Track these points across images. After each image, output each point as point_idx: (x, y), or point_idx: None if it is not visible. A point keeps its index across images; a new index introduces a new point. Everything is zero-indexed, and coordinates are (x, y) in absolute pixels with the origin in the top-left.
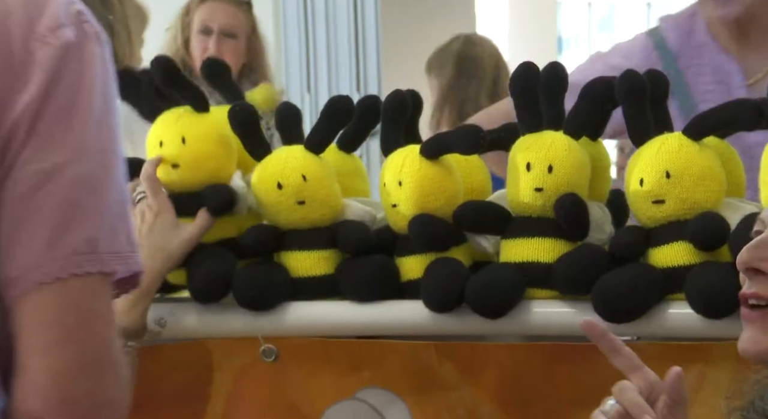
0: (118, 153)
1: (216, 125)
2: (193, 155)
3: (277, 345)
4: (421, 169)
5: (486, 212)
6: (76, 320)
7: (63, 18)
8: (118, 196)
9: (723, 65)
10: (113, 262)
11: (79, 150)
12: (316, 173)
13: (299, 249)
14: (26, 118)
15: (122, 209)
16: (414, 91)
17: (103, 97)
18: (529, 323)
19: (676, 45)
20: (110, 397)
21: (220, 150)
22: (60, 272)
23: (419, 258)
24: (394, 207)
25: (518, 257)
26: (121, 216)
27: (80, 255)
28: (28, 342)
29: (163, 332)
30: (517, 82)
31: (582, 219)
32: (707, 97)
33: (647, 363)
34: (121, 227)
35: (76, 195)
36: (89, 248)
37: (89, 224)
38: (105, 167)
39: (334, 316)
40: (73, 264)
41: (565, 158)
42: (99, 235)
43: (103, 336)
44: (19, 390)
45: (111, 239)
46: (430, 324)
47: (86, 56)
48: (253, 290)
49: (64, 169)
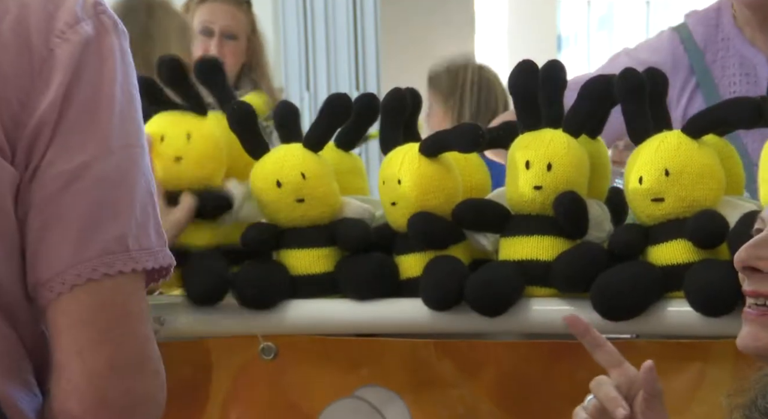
0: (143, 145)
1: (216, 129)
2: (197, 152)
3: (277, 343)
4: (420, 167)
5: (485, 210)
6: (110, 320)
7: (80, 12)
8: (146, 190)
9: (749, 57)
10: (144, 258)
11: (104, 147)
12: (315, 171)
13: (298, 247)
14: (50, 118)
15: (150, 203)
16: (413, 89)
17: (124, 89)
18: (528, 321)
19: (703, 39)
20: (148, 394)
21: (220, 153)
22: (92, 273)
23: (418, 256)
24: (394, 205)
25: (517, 255)
26: (149, 210)
27: (111, 255)
28: (63, 343)
29: (161, 330)
30: (516, 80)
31: (581, 217)
32: (734, 89)
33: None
34: (150, 221)
35: (104, 193)
36: (120, 247)
37: (118, 221)
38: (131, 162)
39: (334, 314)
40: (104, 264)
41: (564, 156)
42: (129, 232)
43: (138, 334)
44: (56, 391)
45: (141, 235)
46: (429, 322)
47: (105, 50)
48: (252, 289)
49: (91, 167)
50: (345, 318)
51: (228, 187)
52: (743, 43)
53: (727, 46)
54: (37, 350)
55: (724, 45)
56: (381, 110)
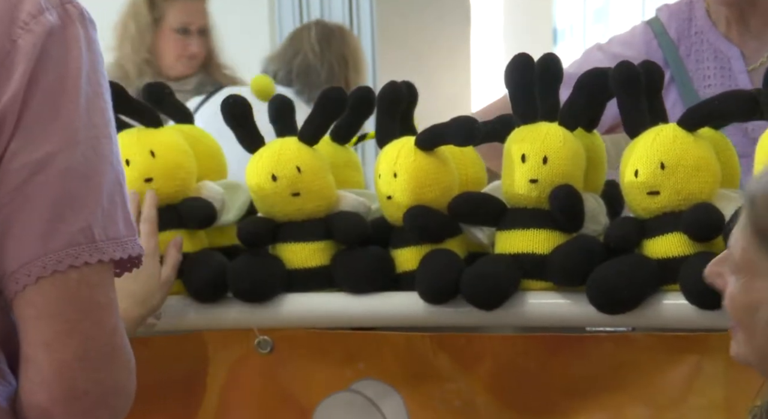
0: (110, 136)
1: (176, 137)
2: (165, 166)
3: (273, 336)
4: (416, 160)
5: (481, 203)
6: (77, 311)
7: (44, 2)
8: (113, 180)
9: (724, 51)
10: (111, 249)
11: (69, 138)
12: (310, 165)
13: (294, 241)
14: (13, 108)
15: (118, 193)
16: (409, 82)
17: (90, 80)
18: (524, 314)
19: (676, 33)
20: (117, 385)
21: (187, 160)
22: (57, 265)
23: (414, 250)
24: (390, 199)
25: (513, 248)
26: (117, 200)
27: (77, 246)
28: (31, 335)
29: (158, 324)
30: (512, 73)
31: (577, 210)
32: (709, 83)
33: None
34: (118, 211)
35: (69, 184)
36: (86, 238)
37: (84, 212)
38: (98, 152)
39: (330, 308)
40: (70, 256)
41: (560, 150)
42: (95, 222)
43: (107, 325)
44: (25, 384)
45: (108, 225)
46: (426, 316)
47: (70, 39)
48: (248, 282)
49: (55, 158)
50: (341, 312)
51: (204, 192)
52: (717, 37)
53: (701, 39)
54: (9, 339)
55: (697, 38)
56: (377, 103)
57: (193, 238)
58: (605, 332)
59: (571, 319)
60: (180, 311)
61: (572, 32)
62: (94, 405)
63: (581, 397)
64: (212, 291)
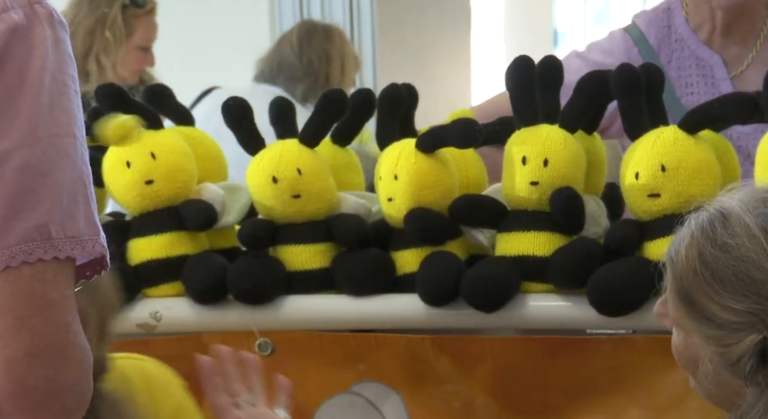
0: (75, 135)
1: (177, 139)
2: (166, 169)
3: (273, 338)
4: (417, 162)
5: (481, 205)
6: (29, 307)
7: (9, 1)
8: (75, 178)
9: (705, 58)
10: (69, 247)
11: (28, 135)
12: (311, 167)
13: (294, 243)
14: None
15: (82, 192)
16: (409, 84)
17: (55, 79)
18: (524, 316)
19: (656, 40)
20: (69, 383)
21: (188, 162)
22: (10, 261)
23: (415, 252)
24: (390, 201)
25: (514, 250)
26: (79, 199)
27: (31, 242)
28: None
29: (158, 326)
30: (513, 75)
31: (577, 213)
32: (691, 90)
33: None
34: (79, 210)
35: (26, 181)
36: (41, 235)
37: (40, 209)
38: (59, 151)
39: (330, 310)
40: (23, 252)
41: (560, 152)
42: (52, 220)
43: (59, 322)
44: None
45: (66, 223)
46: (426, 318)
47: (36, 38)
48: (248, 284)
49: (12, 155)
50: (341, 314)
51: (205, 194)
52: (698, 45)
53: (681, 46)
54: None
55: (678, 46)
56: (377, 105)
57: (193, 240)
58: (605, 334)
59: (571, 321)
60: (180, 313)
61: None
62: (43, 402)
63: (581, 399)
64: (213, 293)
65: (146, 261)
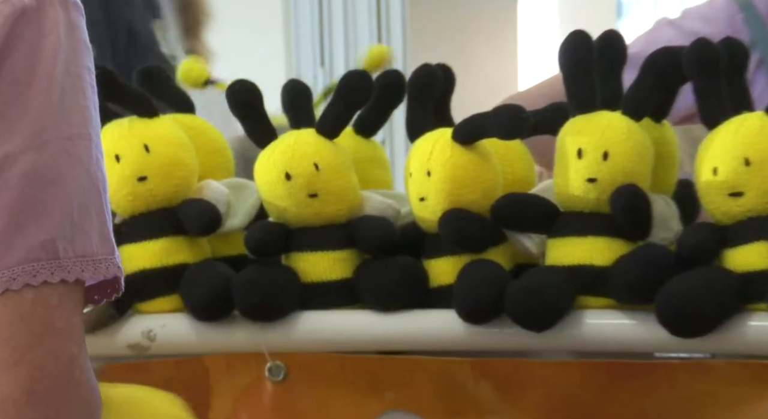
0: (89, 137)
1: (175, 129)
2: (161, 163)
3: (286, 361)
4: (453, 156)
5: (529, 206)
6: (30, 337)
7: None
8: (89, 187)
9: None
10: (78, 268)
11: (34, 136)
12: (330, 162)
13: (311, 250)
14: None
15: (95, 204)
16: (445, 65)
17: (69, 71)
18: (580, 336)
19: (765, 7)
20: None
21: (187, 156)
22: (11, 283)
23: (451, 260)
24: (422, 201)
25: (568, 259)
26: (91, 211)
27: (36, 262)
28: None
29: (152, 347)
30: (568, 54)
31: (643, 214)
32: None
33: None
34: (92, 224)
35: (31, 190)
36: (47, 253)
37: (47, 223)
38: (71, 155)
39: (352, 327)
40: (26, 273)
41: (623, 143)
42: (60, 236)
43: (64, 355)
44: None
45: (76, 239)
46: (465, 337)
47: (47, 22)
48: (257, 298)
49: (17, 160)
50: (366, 333)
51: (207, 193)
52: None
53: None
54: None
55: None
56: (407, 89)
57: (193, 246)
58: (678, 359)
59: (637, 343)
60: (177, 332)
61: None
62: None
63: None
64: (215, 308)
65: (138, 271)
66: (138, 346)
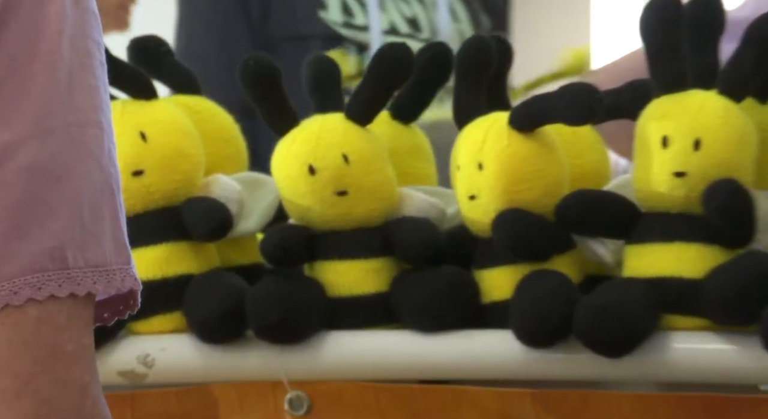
0: (100, 125)
1: (176, 114)
2: (161, 154)
3: (309, 391)
4: (510, 146)
5: (602, 205)
6: (34, 362)
7: None
8: (101, 184)
9: None
10: (90, 279)
11: (40, 123)
12: (361, 153)
13: (339, 258)
14: None
15: (108, 203)
16: (500, 36)
17: (76, 46)
18: (666, 364)
19: None
20: None
21: (191, 145)
22: (12, 297)
23: (507, 271)
24: (473, 199)
25: (650, 270)
26: (104, 213)
27: (41, 273)
28: None
29: (149, 374)
30: (651, 21)
31: (744, 216)
32: None
33: None
34: (105, 228)
35: (34, 187)
36: (54, 263)
37: (53, 226)
38: (79, 146)
39: (389, 351)
40: (30, 285)
41: (719, 129)
42: (69, 242)
43: (74, 383)
44: None
45: (88, 246)
46: (524, 364)
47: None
48: (275, 316)
49: (17, 151)
50: (404, 358)
51: (215, 189)
52: None
53: None
54: None
55: None
56: (455, 64)
57: (199, 254)
58: None
59: (737, 373)
60: (181, 356)
61: None
62: None
63: None
64: (225, 328)
65: None
66: (132, 374)
